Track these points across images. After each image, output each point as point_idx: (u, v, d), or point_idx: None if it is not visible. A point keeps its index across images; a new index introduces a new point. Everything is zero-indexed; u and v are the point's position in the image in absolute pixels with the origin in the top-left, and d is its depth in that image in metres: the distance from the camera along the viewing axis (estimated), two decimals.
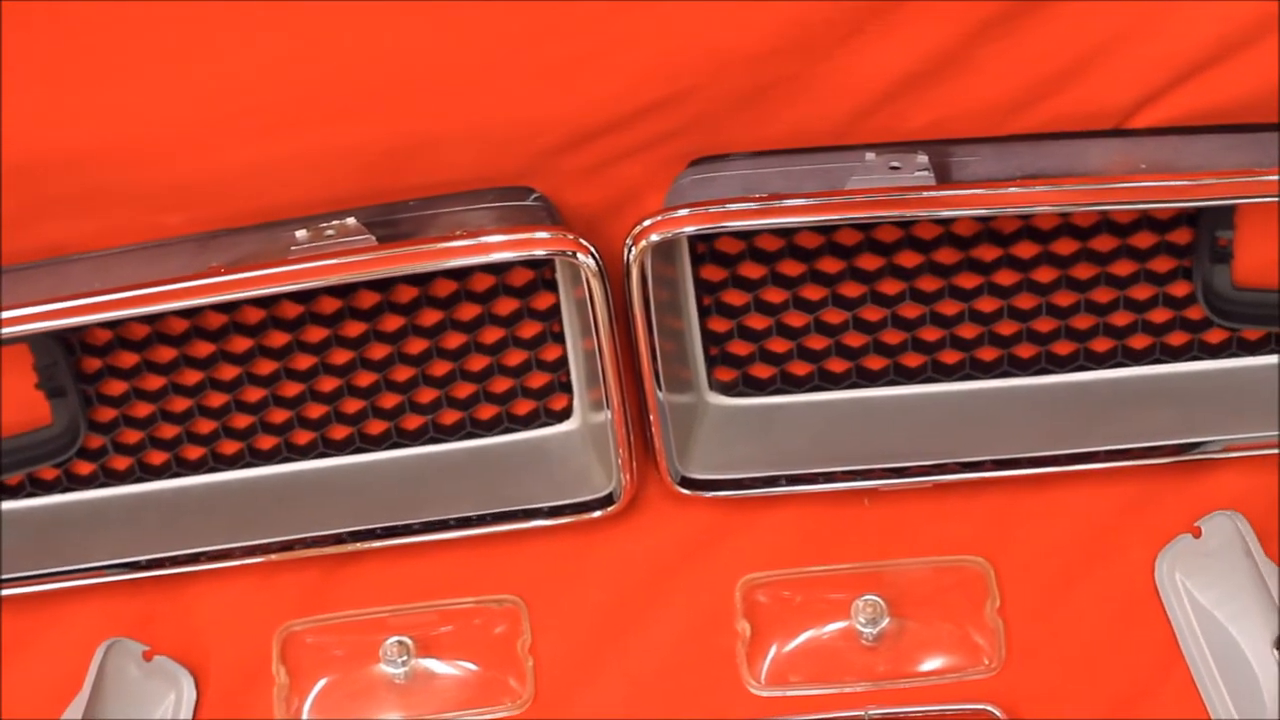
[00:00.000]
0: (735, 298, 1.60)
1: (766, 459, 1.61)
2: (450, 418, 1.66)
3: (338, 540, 1.60)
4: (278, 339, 1.60)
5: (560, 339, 1.62)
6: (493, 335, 1.62)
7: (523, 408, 1.65)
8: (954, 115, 1.51)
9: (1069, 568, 1.58)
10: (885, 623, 1.55)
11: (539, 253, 1.46)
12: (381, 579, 1.62)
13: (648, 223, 1.45)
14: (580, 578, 1.61)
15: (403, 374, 1.63)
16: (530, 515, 1.60)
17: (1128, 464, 1.59)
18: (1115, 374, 1.64)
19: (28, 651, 1.61)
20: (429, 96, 1.46)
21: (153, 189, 1.50)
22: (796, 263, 1.58)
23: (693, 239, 1.56)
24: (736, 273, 1.59)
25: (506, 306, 1.60)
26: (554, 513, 1.60)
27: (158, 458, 1.65)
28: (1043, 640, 1.55)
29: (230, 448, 1.65)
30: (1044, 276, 1.59)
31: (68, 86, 1.43)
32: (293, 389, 1.63)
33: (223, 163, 1.49)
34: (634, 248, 1.45)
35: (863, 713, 1.52)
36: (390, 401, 1.64)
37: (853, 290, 1.60)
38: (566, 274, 1.57)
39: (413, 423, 1.65)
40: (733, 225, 1.47)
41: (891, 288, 1.60)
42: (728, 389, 1.65)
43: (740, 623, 1.57)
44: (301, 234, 1.47)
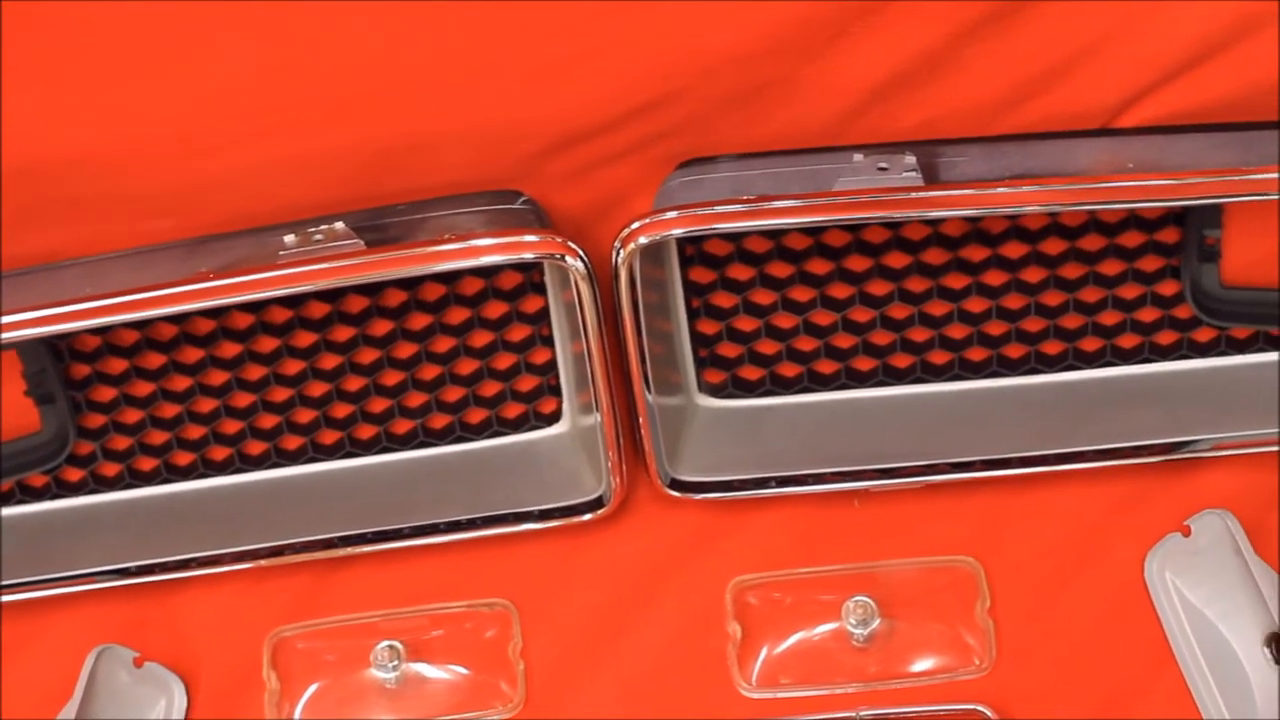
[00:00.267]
0: (724, 300, 1.60)
1: (756, 460, 1.61)
2: (440, 421, 1.66)
3: (328, 545, 1.60)
4: (267, 344, 1.60)
5: (549, 342, 1.62)
6: (482, 339, 1.62)
7: (512, 411, 1.66)
8: (942, 116, 1.51)
9: (1059, 567, 1.58)
10: (876, 624, 1.55)
11: (527, 256, 1.46)
12: (372, 584, 1.62)
13: (636, 225, 1.45)
14: (571, 581, 1.61)
15: (392, 378, 1.63)
16: (520, 519, 1.60)
17: (1117, 463, 1.59)
18: (1104, 373, 1.64)
19: (18, 658, 1.60)
20: (417, 100, 1.46)
21: (141, 194, 1.50)
22: (785, 264, 1.58)
23: (681, 241, 1.56)
24: (725, 274, 1.59)
25: (495, 310, 1.60)
26: (544, 516, 1.60)
27: (147, 464, 1.65)
28: (1033, 640, 1.55)
29: (220, 453, 1.65)
30: (1032, 276, 1.59)
31: (56, 92, 1.43)
32: (282, 394, 1.62)
33: (211, 168, 1.49)
34: (622, 250, 1.45)
35: (854, 714, 1.52)
36: (380, 405, 1.64)
37: (841, 291, 1.60)
38: (555, 277, 1.57)
39: (402, 427, 1.65)
40: (721, 227, 1.48)
41: (880, 288, 1.60)
42: (717, 391, 1.65)
43: (731, 624, 1.57)
44: (290, 239, 1.47)
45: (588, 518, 1.60)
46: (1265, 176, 1.44)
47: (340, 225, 1.48)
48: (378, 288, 1.58)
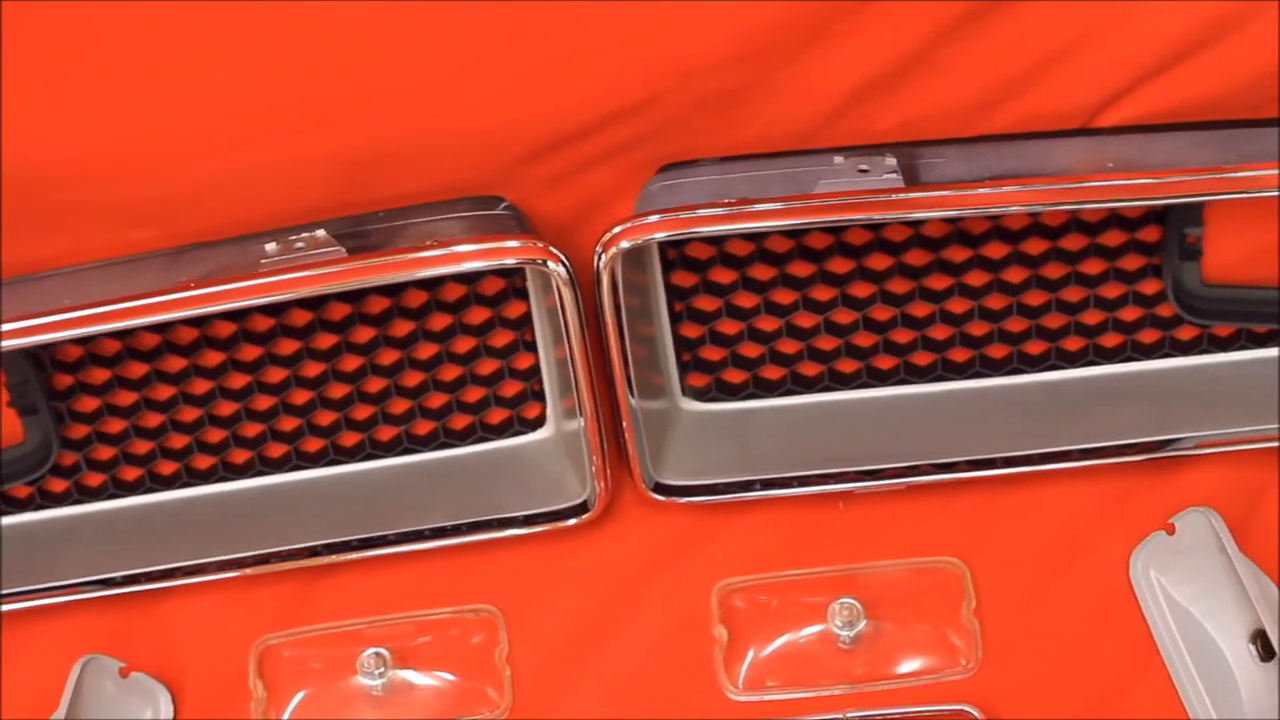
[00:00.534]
0: (706, 303, 1.60)
1: (740, 464, 1.61)
2: (423, 428, 1.65)
3: (313, 553, 1.60)
4: (249, 353, 1.60)
5: (532, 347, 1.62)
6: (465, 345, 1.62)
7: (496, 417, 1.65)
8: (921, 117, 1.51)
9: (1044, 567, 1.59)
10: (862, 625, 1.55)
11: (509, 262, 1.46)
12: (357, 591, 1.62)
13: (617, 230, 1.45)
14: (556, 586, 1.61)
15: (375, 385, 1.63)
16: (505, 524, 1.60)
17: (1101, 462, 1.59)
18: (1087, 372, 1.64)
19: (5, 669, 1.60)
20: (397, 107, 1.46)
21: (122, 204, 1.50)
22: (767, 267, 1.58)
23: (663, 245, 1.56)
24: (707, 278, 1.59)
25: (478, 316, 1.60)
26: (529, 521, 1.60)
27: (131, 473, 1.64)
28: (1019, 640, 1.55)
29: (203, 462, 1.65)
30: (1014, 276, 1.59)
31: (34, 103, 1.42)
32: (265, 402, 1.62)
33: (191, 177, 1.48)
34: (604, 255, 1.45)
35: (841, 715, 1.53)
36: (363, 413, 1.64)
37: (823, 293, 1.60)
38: (537, 282, 1.57)
39: (386, 434, 1.65)
40: (702, 231, 1.47)
41: (862, 290, 1.60)
42: (700, 394, 1.65)
43: (717, 628, 1.57)
44: (271, 247, 1.47)
45: (572, 523, 1.60)
46: (1245, 174, 1.44)
47: (321, 233, 1.48)
48: (360, 295, 1.58)
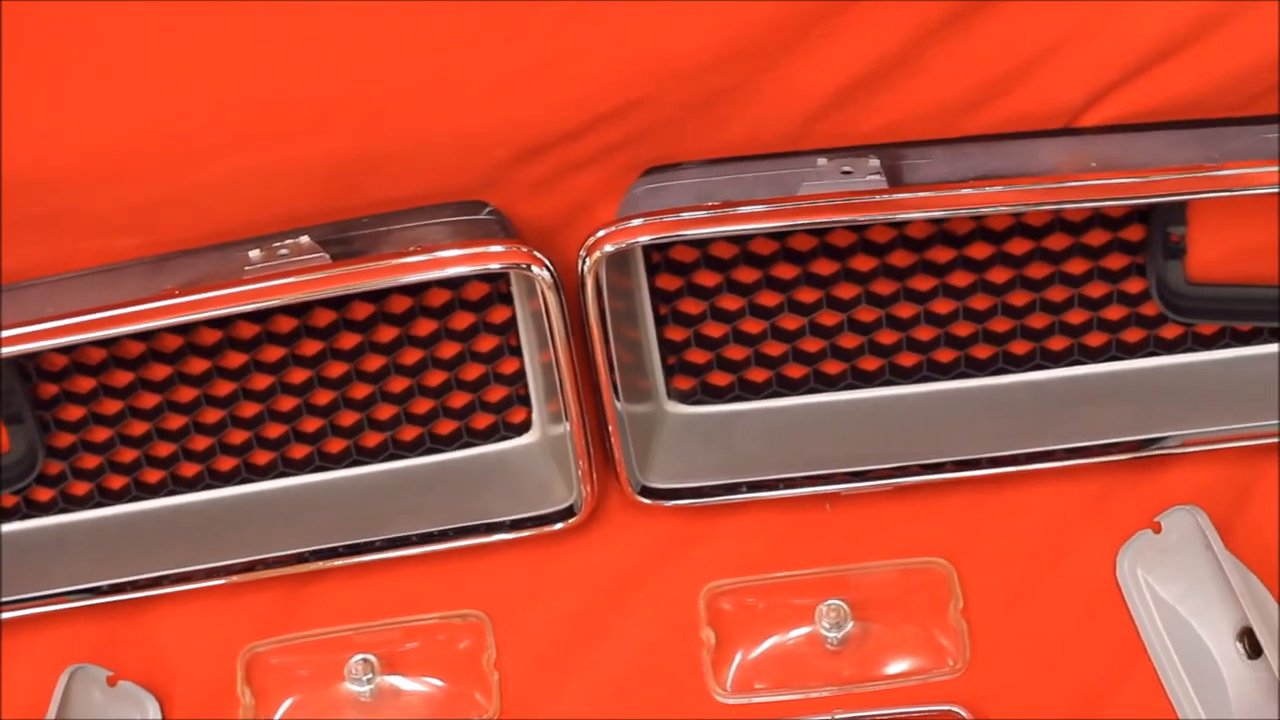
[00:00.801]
0: (691, 306, 1.60)
1: (727, 466, 1.61)
2: (409, 433, 1.65)
3: (299, 560, 1.60)
4: (234, 359, 1.60)
5: (517, 352, 1.62)
6: (450, 350, 1.62)
7: (482, 422, 1.65)
8: (904, 118, 1.52)
9: (1031, 567, 1.59)
10: (849, 626, 1.55)
11: (493, 266, 1.46)
12: (344, 597, 1.62)
13: (601, 233, 1.45)
14: (543, 590, 1.61)
15: (361, 391, 1.63)
16: (492, 529, 1.60)
17: (1087, 461, 1.59)
18: (1072, 372, 1.64)
19: None
20: (380, 113, 1.46)
21: (104, 213, 1.49)
22: (751, 269, 1.58)
23: (647, 249, 1.56)
24: (692, 281, 1.59)
25: (463, 321, 1.60)
26: (515, 526, 1.60)
27: (117, 482, 1.64)
28: (1007, 640, 1.55)
29: (189, 470, 1.64)
30: (998, 277, 1.59)
31: (13, 112, 1.42)
32: (251, 409, 1.62)
33: (175, 184, 1.48)
34: (588, 259, 1.45)
35: (829, 717, 1.53)
36: (349, 419, 1.64)
37: (808, 296, 1.60)
38: (522, 287, 1.57)
39: (372, 440, 1.65)
40: (687, 234, 1.47)
41: (847, 292, 1.60)
42: (686, 397, 1.65)
43: (705, 631, 1.57)
44: (255, 254, 1.46)
45: (559, 527, 1.60)
46: (1228, 173, 1.44)
47: (305, 239, 1.47)
48: (344, 301, 1.58)
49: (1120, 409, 1.61)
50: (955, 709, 1.51)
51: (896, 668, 1.55)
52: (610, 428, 1.56)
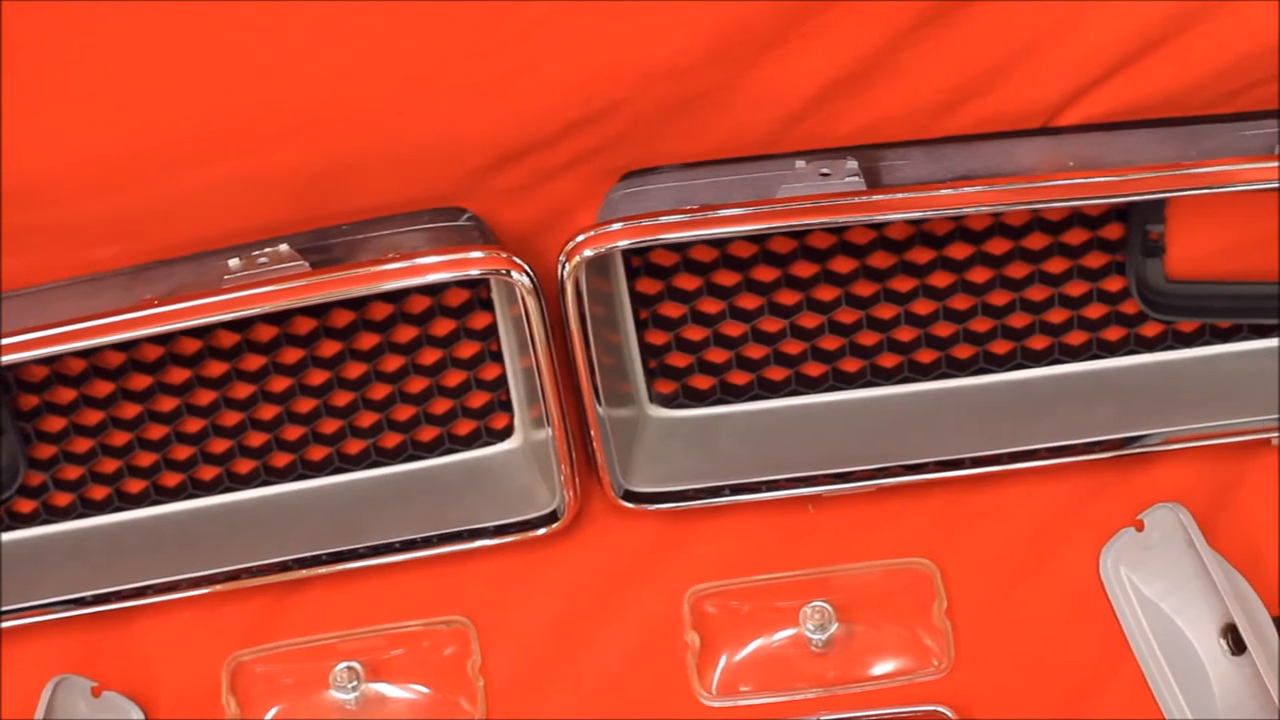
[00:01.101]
0: (671, 310, 1.60)
1: (709, 469, 1.61)
2: (391, 440, 1.65)
3: (283, 568, 1.60)
4: (215, 369, 1.59)
5: (498, 358, 1.62)
6: (431, 356, 1.62)
7: (464, 428, 1.65)
8: (882, 119, 1.51)
9: (1015, 566, 1.59)
10: (834, 628, 1.55)
11: (473, 272, 1.46)
12: (329, 605, 1.62)
13: (581, 238, 1.45)
14: (527, 596, 1.61)
15: (342, 398, 1.63)
16: (475, 535, 1.60)
17: (1069, 460, 1.60)
18: (1053, 371, 1.64)
19: None
20: (356, 120, 1.46)
21: (83, 223, 1.49)
22: (731, 273, 1.59)
23: (627, 253, 1.56)
24: (672, 285, 1.59)
25: (443, 327, 1.60)
26: (499, 532, 1.60)
27: (99, 492, 1.64)
28: (991, 640, 1.56)
29: (171, 479, 1.64)
30: (978, 277, 1.59)
31: None
32: (232, 418, 1.62)
33: (153, 194, 1.48)
34: (568, 264, 1.45)
35: (815, 719, 1.53)
36: (331, 427, 1.64)
37: (788, 298, 1.60)
38: (502, 293, 1.57)
39: (354, 447, 1.65)
40: (666, 238, 1.47)
41: (827, 294, 1.60)
42: (668, 401, 1.65)
43: (689, 634, 1.57)
44: (234, 263, 1.46)
45: (542, 532, 1.60)
46: (1206, 170, 1.44)
47: (285, 248, 1.47)
48: (325, 309, 1.58)
49: (1101, 407, 1.62)
50: (940, 709, 1.51)
51: (881, 669, 1.56)
52: (592, 432, 1.56)
